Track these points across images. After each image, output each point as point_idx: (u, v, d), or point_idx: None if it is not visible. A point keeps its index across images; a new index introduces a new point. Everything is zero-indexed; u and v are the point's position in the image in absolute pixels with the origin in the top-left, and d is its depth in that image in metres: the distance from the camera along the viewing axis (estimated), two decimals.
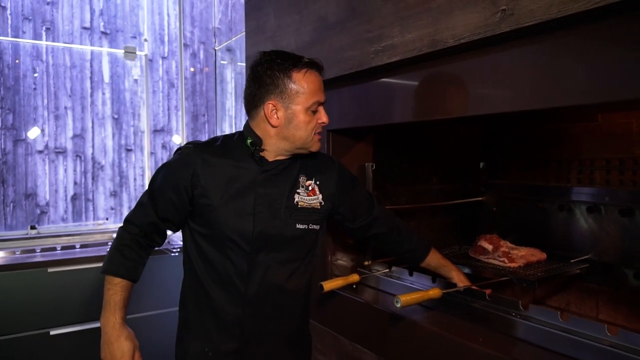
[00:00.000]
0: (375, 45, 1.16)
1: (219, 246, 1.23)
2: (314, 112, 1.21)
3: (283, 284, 1.26)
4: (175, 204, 1.24)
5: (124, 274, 1.26)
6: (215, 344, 1.26)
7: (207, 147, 1.26)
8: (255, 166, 1.24)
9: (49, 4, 3.30)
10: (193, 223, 1.26)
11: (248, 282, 1.23)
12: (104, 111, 3.49)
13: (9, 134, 3.18)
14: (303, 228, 1.26)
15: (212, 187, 1.21)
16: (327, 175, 1.32)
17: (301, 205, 1.26)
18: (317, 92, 1.20)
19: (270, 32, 1.59)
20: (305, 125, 1.21)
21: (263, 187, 1.23)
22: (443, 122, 1.32)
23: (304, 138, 1.22)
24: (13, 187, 3.20)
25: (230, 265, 1.23)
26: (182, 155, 1.25)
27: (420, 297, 1.13)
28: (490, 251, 1.45)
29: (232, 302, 1.24)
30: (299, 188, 1.27)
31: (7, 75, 3.15)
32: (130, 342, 1.26)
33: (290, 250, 1.26)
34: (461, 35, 0.94)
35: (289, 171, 1.27)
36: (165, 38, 3.74)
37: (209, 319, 1.26)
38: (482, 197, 1.82)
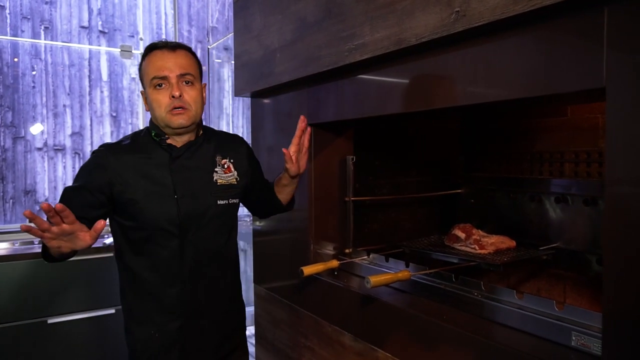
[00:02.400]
0: (348, 43, 1.24)
1: (148, 235, 1.28)
2: (160, 87, 1.27)
3: (213, 257, 1.34)
4: (92, 204, 1.24)
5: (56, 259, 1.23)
6: (159, 325, 1.31)
7: (119, 145, 1.32)
8: (166, 155, 1.31)
9: (48, 4, 3.37)
10: (120, 218, 1.30)
11: (181, 263, 1.30)
12: (102, 109, 3.56)
13: (8, 131, 3.25)
14: (224, 203, 1.35)
15: (131, 182, 1.26)
16: (239, 151, 1.43)
17: (220, 183, 1.35)
18: (155, 68, 1.27)
19: (256, 31, 1.66)
20: (157, 104, 1.27)
21: (179, 172, 1.30)
22: (415, 115, 1.40)
23: (160, 116, 1.28)
24: (12, 183, 3.27)
25: (163, 250, 1.29)
26: (95, 158, 1.29)
27: (389, 279, 1.21)
28: (463, 239, 1.52)
29: (169, 284, 1.30)
30: (217, 167, 1.36)
31: (6, 73, 3.23)
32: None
33: (215, 225, 1.34)
34: (422, 34, 1.02)
35: (204, 152, 1.35)
36: (162, 37, 3.81)
37: (149, 304, 1.31)
38: (460, 189, 1.91)
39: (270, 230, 1.75)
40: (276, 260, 1.81)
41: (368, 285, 1.17)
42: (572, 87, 0.82)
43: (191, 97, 1.28)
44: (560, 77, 0.83)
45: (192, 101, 1.28)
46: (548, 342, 0.98)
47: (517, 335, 1.04)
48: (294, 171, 1.37)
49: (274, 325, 1.78)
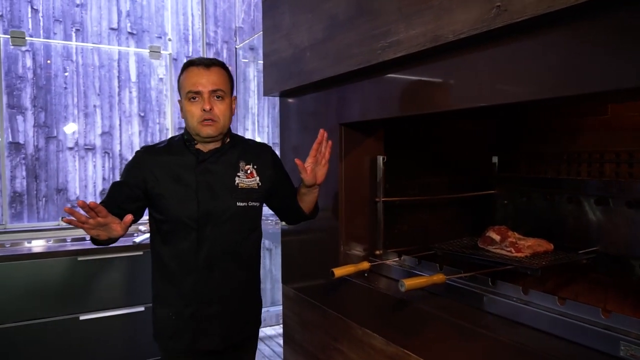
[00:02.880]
0: (381, 41, 1.21)
1: (172, 228, 1.45)
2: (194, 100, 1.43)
3: (228, 253, 1.47)
4: (131, 197, 1.44)
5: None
6: (176, 308, 1.47)
7: (156, 148, 1.52)
8: (194, 158, 1.47)
9: (79, 6, 3.44)
10: (152, 210, 1.50)
11: (198, 254, 1.44)
12: (131, 109, 3.61)
13: (41, 131, 3.33)
14: (243, 205, 1.48)
15: (162, 180, 1.45)
16: (264, 160, 1.55)
17: (241, 187, 1.48)
18: (191, 84, 1.42)
19: (285, 30, 1.65)
20: (190, 115, 1.43)
21: (202, 175, 1.46)
22: (450, 115, 1.36)
23: (191, 126, 1.44)
24: (45, 182, 3.35)
25: (183, 241, 1.45)
26: (135, 158, 1.50)
27: (424, 282, 1.18)
28: (498, 241, 1.48)
29: (186, 272, 1.46)
30: (239, 172, 1.49)
31: (39, 75, 3.31)
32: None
33: (233, 224, 1.47)
34: (460, 30, 0.99)
35: (228, 158, 1.50)
36: (189, 38, 3.84)
37: (170, 289, 1.48)
38: (492, 190, 1.85)
39: (299, 230, 1.73)
40: (305, 261, 1.80)
41: (402, 289, 1.14)
42: (615, 85, 0.77)
43: (220, 110, 1.43)
44: (602, 75, 0.79)
45: (221, 114, 1.44)
46: (593, 351, 0.94)
47: (560, 343, 0.99)
48: (309, 181, 1.45)
49: (302, 327, 1.77)
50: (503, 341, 1.03)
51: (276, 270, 4.27)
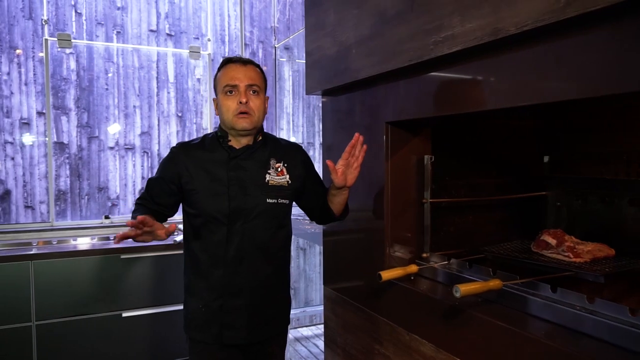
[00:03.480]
0: (434, 36, 1.16)
1: (203, 222, 1.49)
2: (230, 94, 1.47)
3: (256, 248, 1.49)
4: (166, 192, 1.51)
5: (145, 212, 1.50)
6: (206, 301, 1.51)
7: (190, 144, 1.56)
8: (226, 154, 1.51)
9: (120, 9, 3.52)
10: (185, 205, 1.54)
11: (227, 248, 1.48)
12: (169, 109, 3.67)
13: (84, 131, 3.42)
14: (273, 202, 1.50)
15: (195, 175, 1.49)
16: (294, 159, 1.58)
17: (272, 184, 1.51)
18: (228, 78, 1.47)
19: (329, 28, 1.62)
20: (226, 108, 1.47)
21: (234, 171, 1.49)
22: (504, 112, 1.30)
23: (227, 119, 1.48)
24: (87, 181, 3.44)
25: (213, 235, 1.48)
26: (170, 154, 1.55)
27: (480, 288, 1.12)
28: (554, 246, 1.40)
29: (215, 265, 1.49)
30: (270, 169, 1.52)
31: (82, 77, 3.40)
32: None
33: (262, 220, 1.49)
34: (524, 22, 0.93)
35: (259, 156, 1.53)
36: (225, 38, 3.87)
37: (200, 281, 1.51)
38: (544, 191, 1.77)
39: (342, 231, 1.70)
40: (347, 262, 1.76)
41: (457, 294, 1.09)
42: None
43: (255, 104, 1.48)
44: None
45: (256, 108, 1.48)
46: None
47: (632, 357, 0.92)
48: (339, 183, 1.47)
49: (345, 329, 1.74)
50: (566, 352, 0.97)
51: (310, 270, 4.25)
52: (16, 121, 3.27)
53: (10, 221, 3.24)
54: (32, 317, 2.49)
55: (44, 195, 3.34)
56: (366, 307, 1.60)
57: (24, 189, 3.31)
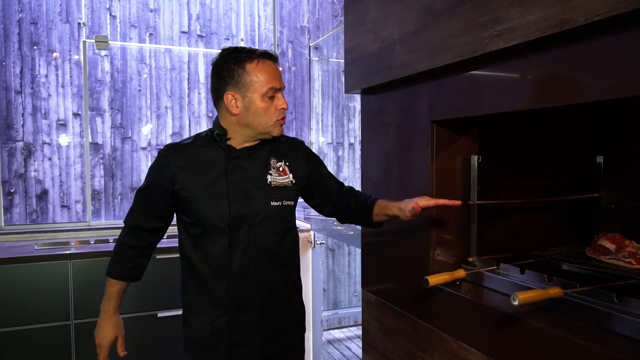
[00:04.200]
0: (490, 29, 1.10)
1: (203, 231, 1.36)
2: (271, 99, 1.35)
3: (262, 256, 1.38)
4: (160, 202, 1.39)
5: (121, 277, 1.48)
6: (211, 318, 1.39)
7: (181, 145, 1.41)
8: (224, 155, 1.37)
9: (152, 11, 3.56)
10: (180, 214, 1.41)
11: (231, 259, 1.36)
12: (199, 110, 3.70)
13: (117, 132, 3.47)
14: (277, 204, 1.39)
15: (189, 180, 1.35)
16: (296, 156, 1.47)
17: (274, 185, 1.40)
18: (270, 79, 1.33)
19: (370, 24, 1.57)
20: (264, 112, 1.34)
21: (233, 173, 1.36)
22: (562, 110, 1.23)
23: (263, 124, 1.35)
24: (120, 180, 3.49)
25: (214, 246, 1.36)
26: (160, 158, 1.40)
27: (539, 296, 1.05)
28: (613, 251, 1.32)
29: (219, 278, 1.37)
30: (271, 169, 1.41)
31: (116, 78, 3.45)
32: (115, 330, 1.50)
33: (267, 225, 1.38)
34: (596, 11, 0.86)
35: (258, 155, 1.41)
36: (255, 39, 3.88)
37: (204, 296, 1.39)
38: (597, 193, 1.67)
39: (383, 232, 1.64)
40: (388, 265, 1.71)
41: (515, 303, 1.02)
42: None
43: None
44: None
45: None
46: None
47: None
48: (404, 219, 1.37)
49: (386, 335, 1.68)
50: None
51: (339, 270, 4.21)
52: (53, 122, 3.34)
53: (47, 220, 3.31)
54: (71, 316, 2.52)
55: (80, 194, 3.40)
56: (409, 313, 1.55)
57: (60, 189, 3.37)
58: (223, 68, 1.34)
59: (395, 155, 1.62)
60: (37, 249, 2.67)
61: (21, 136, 3.26)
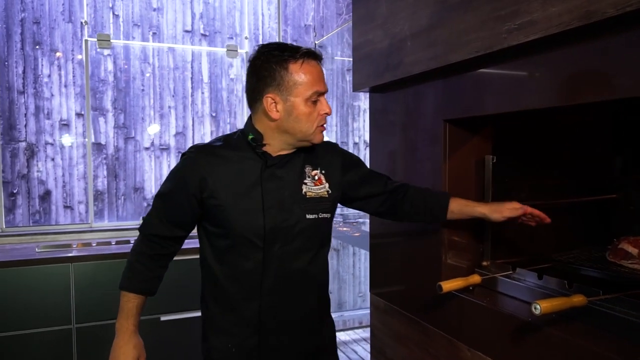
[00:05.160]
0: (508, 23, 1.05)
1: (232, 244, 1.23)
2: (315, 103, 1.21)
3: (297, 274, 1.27)
4: (185, 208, 1.25)
5: (136, 289, 1.32)
6: (237, 339, 1.27)
7: (210, 148, 1.27)
8: (259, 162, 1.24)
9: (155, 10, 3.52)
10: (206, 224, 1.27)
11: (263, 276, 1.24)
12: (203, 110, 3.66)
13: (120, 132, 3.43)
14: (313, 217, 1.27)
15: (220, 187, 1.21)
16: (331, 162, 1.34)
17: (309, 196, 1.27)
18: (315, 82, 1.20)
19: (380, 19, 1.52)
20: (306, 117, 1.21)
21: (269, 182, 1.23)
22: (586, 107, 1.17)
23: (304, 130, 1.22)
24: (124, 181, 3.45)
25: (245, 261, 1.23)
26: (186, 160, 1.25)
27: (562, 304, 1.00)
28: (636, 255, 1.26)
29: (249, 298, 1.25)
30: (306, 179, 1.28)
31: (119, 78, 3.41)
32: (136, 351, 1.32)
33: (303, 240, 1.26)
34: (627, 2, 0.81)
35: (293, 163, 1.28)
36: (260, 37, 3.83)
37: (229, 315, 1.27)
38: (615, 193, 1.61)
39: (392, 233, 1.59)
40: (399, 269, 1.65)
41: (537, 312, 0.97)
42: None
43: None
44: None
45: None
46: None
47: None
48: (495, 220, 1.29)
49: (395, 341, 1.63)
50: None
51: (344, 271, 4.16)
52: (56, 122, 3.31)
53: (50, 221, 3.27)
54: (72, 320, 2.48)
55: (83, 195, 3.37)
56: (420, 318, 1.50)
57: (64, 190, 3.34)
58: (263, 67, 1.20)
59: (405, 155, 1.57)
60: (38, 252, 2.63)
61: (24, 136, 3.23)
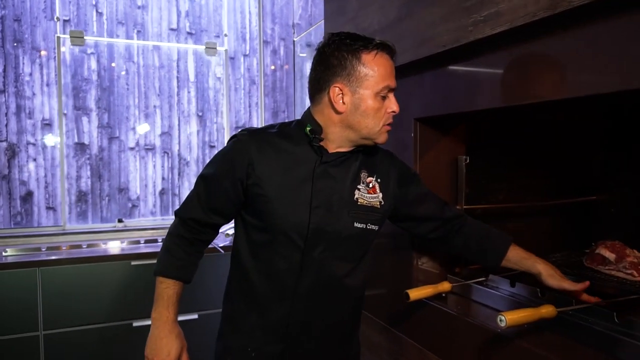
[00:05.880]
0: (474, 15, 0.98)
1: (271, 240, 1.15)
2: (384, 99, 1.12)
3: (335, 284, 1.17)
4: (229, 194, 1.16)
5: (175, 275, 1.21)
6: (258, 343, 1.18)
7: (263, 134, 1.17)
8: (314, 156, 1.14)
9: (140, 8, 3.46)
10: (246, 214, 1.18)
11: (299, 280, 1.14)
12: (189, 109, 3.60)
13: (104, 132, 3.37)
14: (361, 227, 1.16)
15: (267, 176, 1.12)
16: (388, 172, 1.23)
17: (361, 203, 1.16)
18: (387, 76, 1.10)
19: (351, 14, 1.46)
20: (374, 113, 1.11)
21: (321, 179, 1.13)
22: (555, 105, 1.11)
23: (370, 127, 1.12)
24: (108, 181, 3.39)
25: (282, 260, 1.14)
26: (237, 143, 1.16)
27: (530, 316, 0.93)
28: (613, 261, 1.20)
29: (280, 300, 1.16)
30: (360, 184, 1.18)
31: (103, 77, 3.35)
32: (179, 341, 1.23)
33: (346, 249, 1.17)
34: None
35: (349, 164, 1.17)
36: (246, 36, 3.77)
37: (254, 315, 1.18)
38: (596, 195, 1.55)
39: None
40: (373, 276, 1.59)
41: (502, 324, 0.91)
42: None
43: None
44: None
45: None
46: None
47: None
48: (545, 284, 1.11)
49: (370, 350, 1.57)
50: None
51: None
52: (38, 122, 3.25)
53: (32, 222, 3.21)
54: (40, 327, 2.40)
55: (66, 196, 3.31)
56: (391, 327, 1.43)
57: (46, 190, 3.28)
58: (333, 56, 1.11)
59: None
60: (4, 255, 2.55)
61: (5, 136, 3.16)
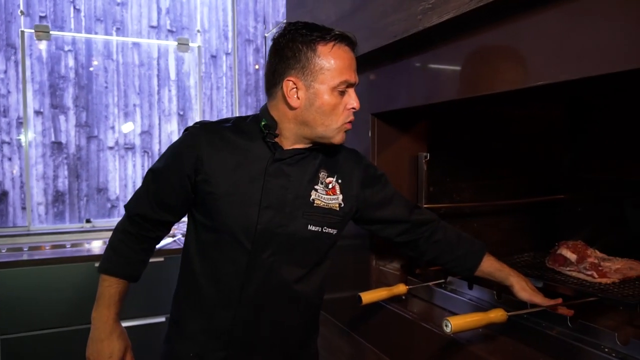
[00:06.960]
0: (423, 3, 0.94)
1: (218, 240, 1.09)
2: (342, 94, 1.04)
3: (284, 291, 1.10)
4: (177, 190, 1.10)
5: (118, 273, 1.16)
6: (201, 349, 1.12)
7: (216, 127, 1.10)
8: (268, 153, 1.08)
9: (119, 5, 3.40)
10: (196, 212, 1.12)
11: (245, 285, 1.08)
12: (170, 108, 3.55)
13: (82, 131, 3.32)
14: (316, 230, 1.09)
15: (217, 173, 1.06)
16: (351, 173, 1.15)
17: (317, 204, 1.09)
18: (346, 69, 1.03)
19: (310, 5, 1.41)
20: (330, 109, 1.04)
21: (274, 177, 1.07)
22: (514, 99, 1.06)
23: (327, 124, 1.05)
24: (86, 181, 3.33)
25: (228, 263, 1.08)
26: (187, 136, 1.10)
27: (478, 321, 0.88)
28: (574, 262, 1.15)
29: (225, 305, 1.10)
30: (318, 184, 1.10)
31: (81, 75, 3.29)
32: (122, 341, 1.17)
33: (299, 254, 1.09)
34: None
35: (307, 163, 1.11)
36: (229, 34, 3.73)
37: (199, 320, 1.13)
38: (562, 194, 1.50)
39: None
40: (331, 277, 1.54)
41: (447, 330, 0.86)
42: None
43: None
44: None
45: None
46: None
47: None
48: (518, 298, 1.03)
49: (327, 351, 1.52)
50: None
51: None
52: (13, 120, 3.18)
53: (7, 223, 3.14)
54: None
55: (42, 196, 3.24)
56: (351, 330, 1.38)
57: (21, 190, 3.21)
58: (288, 47, 1.04)
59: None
60: None
61: None
